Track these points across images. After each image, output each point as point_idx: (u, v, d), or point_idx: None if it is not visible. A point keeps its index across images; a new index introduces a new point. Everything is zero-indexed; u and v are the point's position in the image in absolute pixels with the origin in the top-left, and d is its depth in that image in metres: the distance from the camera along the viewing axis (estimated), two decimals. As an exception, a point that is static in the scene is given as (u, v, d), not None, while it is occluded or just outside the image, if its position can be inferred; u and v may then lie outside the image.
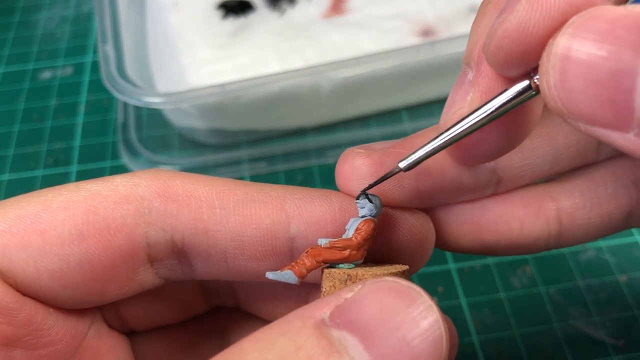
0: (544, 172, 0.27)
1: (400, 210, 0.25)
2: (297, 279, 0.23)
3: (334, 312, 0.19)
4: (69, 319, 0.24)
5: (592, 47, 0.16)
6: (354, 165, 0.25)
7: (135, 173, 0.24)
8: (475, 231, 0.27)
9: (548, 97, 0.18)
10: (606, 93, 0.16)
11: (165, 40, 0.59)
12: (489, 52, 0.20)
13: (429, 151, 0.22)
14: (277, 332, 0.19)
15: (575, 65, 0.17)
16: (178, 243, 0.24)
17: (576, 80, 0.17)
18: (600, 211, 0.27)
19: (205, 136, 0.55)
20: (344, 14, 0.60)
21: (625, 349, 0.41)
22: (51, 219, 0.22)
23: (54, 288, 0.23)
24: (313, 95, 0.53)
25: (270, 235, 0.24)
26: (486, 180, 0.27)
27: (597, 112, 0.17)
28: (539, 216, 0.27)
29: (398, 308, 0.19)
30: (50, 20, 0.70)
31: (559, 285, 0.44)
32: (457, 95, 0.22)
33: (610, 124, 0.17)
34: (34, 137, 0.57)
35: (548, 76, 0.18)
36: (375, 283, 0.20)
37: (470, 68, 0.22)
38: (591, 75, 0.16)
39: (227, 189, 0.24)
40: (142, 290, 0.26)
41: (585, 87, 0.17)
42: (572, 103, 0.17)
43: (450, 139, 0.22)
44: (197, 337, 0.30)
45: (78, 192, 0.23)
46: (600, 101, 0.17)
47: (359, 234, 0.23)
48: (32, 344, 0.23)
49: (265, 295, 0.29)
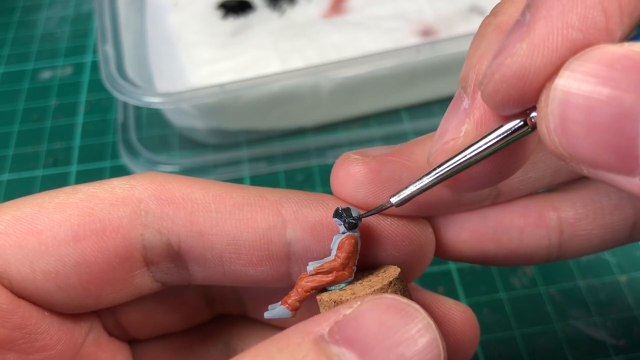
0: (545, 185, 0.27)
1: (398, 217, 0.25)
2: (291, 313, 0.24)
3: (332, 328, 0.19)
4: (65, 323, 0.24)
5: (591, 91, 0.16)
6: (350, 172, 0.24)
7: (132, 176, 0.24)
8: (475, 239, 0.27)
9: (548, 142, 0.17)
10: (609, 138, 0.16)
11: (165, 40, 0.59)
12: (484, 93, 0.19)
13: (421, 187, 0.22)
14: (276, 347, 0.19)
15: (575, 110, 0.16)
16: (174, 246, 0.24)
17: (576, 126, 0.16)
18: (603, 222, 0.26)
19: (205, 136, 0.55)
20: (344, 14, 0.60)
21: (625, 349, 0.41)
22: (47, 220, 0.22)
23: (50, 290, 0.23)
24: (313, 95, 0.53)
25: (266, 239, 0.24)
26: (486, 194, 0.26)
27: (599, 158, 0.16)
28: (540, 226, 0.27)
29: (397, 325, 0.19)
30: (50, 20, 0.70)
31: (559, 286, 0.44)
32: (451, 123, 0.22)
33: (614, 168, 0.16)
34: (33, 137, 0.57)
35: (547, 121, 0.17)
36: (374, 300, 0.20)
37: (467, 94, 0.22)
38: (591, 120, 0.16)
39: (224, 192, 0.24)
40: (140, 295, 0.25)
41: (587, 133, 0.16)
42: (574, 148, 0.17)
43: (443, 175, 0.22)
44: (201, 346, 0.29)
45: (75, 194, 0.23)
46: (602, 146, 0.16)
47: (341, 252, 0.23)
48: (25, 347, 0.22)
49: (274, 301, 0.29)
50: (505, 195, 0.27)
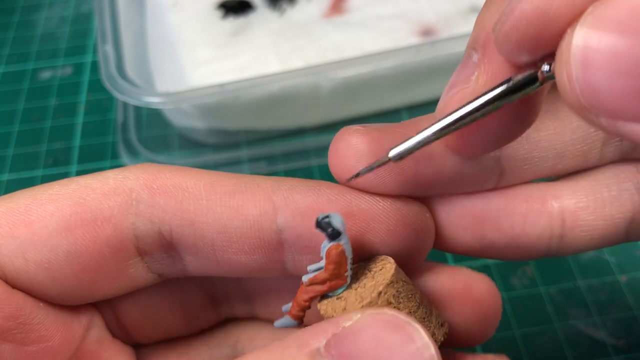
0: (547, 169, 0.27)
1: (392, 200, 0.24)
2: (296, 322, 0.24)
3: (329, 342, 0.19)
4: (61, 316, 0.24)
5: (614, 36, 0.15)
6: (351, 142, 0.23)
7: (126, 167, 0.24)
8: (476, 224, 0.26)
9: (568, 90, 0.17)
10: (633, 84, 0.15)
11: (165, 40, 0.59)
12: (501, 32, 0.18)
13: (424, 138, 0.21)
14: (271, 357, 0.19)
15: (599, 55, 0.16)
16: (166, 235, 0.24)
17: (600, 71, 0.16)
18: (603, 213, 0.26)
19: (205, 136, 0.55)
20: (344, 14, 0.60)
21: (626, 350, 0.41)
22: (40, 211, 0.23)
23: (43, 280, 0.23)
24: (313, 95, 0.53)
25: (257, 226, 0.23)
26: (489, 169, 0.25)
27: (623, 105, 0.16)
28: (543, 213, 0.26)
29: (394, 344, 0.19)
30: (49, 20, 0.70)
31: (559, 286, 0.44)
32: (460, 76, 0.21)
33: (636, 117, 0.16)
34: (33, 137, 0.57)
35: (569, 68, 0.16)
36: (374, 315, 0.20)
37: (476, 51, 0.21)
38: (617, 65, 0.15)
39: (216, 180, 0.24)
40: (136, 287, 0.25)
41: (611, 78, 0.16)
42: (596, 96, 0.16)
43: (448, 126, 0.20)
44: (208, 351, 0.29)
45: (69, 185, 0.24)
46: (626, 93, 0.16)
47: (329, 264, 0.22)
48: (20, 338, 0.23)
49: (285, 295, 0.28)
50: (509, 176, 0.26)
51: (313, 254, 0.24)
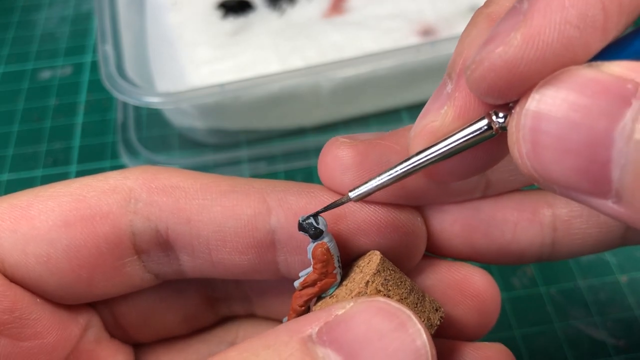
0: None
1: (382, 204, 0.25)
2: None
3: (321, 329, 0.19)
4: (58, 313, 0.25)
5: (562, 117, 0.16)
6: (337, 155, 0.24)
7: (127, 169, 0.25)
8: (467, 232, 0.26)
9: (520, 165, 0.17)
10: (581, 163, 0.16)
11: (164, 40, 0.59)
12: (470, 79, 0.18)
13: (384, 182, 0.22)
14: (263, 344, 0.19)
15: (546, 136, 0.16)
16: (162, 233, 0.24)
17: (549, 151, 0.16)
18: (597, 221, 0.26)
19: (204, 136, 0.55)
20: (344, 14, 0.60)
21: (625, 349, 0.41)
22: (41, 206, 0.23)
23: (41, 274, 0.23)
24: (313, 95, 0.53)
25: (251, 226, 0.24)
26: (475, 182, 0.26)
27: (572, 181, 0.16)
28: (534, 222, 0.26)
29: (386, 330, 0.19)
30: (49, 20, 0.70)
31: (559, 286, 0.44)
32: (433, 105, 0.22)
33: (587, 191, 0.16)
34: (33, 137, 0.57)
35: (519, 146, 0.17)
36: (366, 302, 0.20)
37: (450, 80, 0.21)
38: (563, 146, 0.16)
39: (212, 181, 0.25)
40: (134, 288, 0.25)
41: (559, 158, 0.16)
42: (546, 172, 0.17)
43: (408, 172, 0.21)
44: (207, 348, 0.29)
45: (70, 184, 0.24)
46: (575, 171, 0.16)
47: (316, 263, 0.23)
48: (15, 332, 0.23)
49: (282, 295, 0.28)
50: (495, 186, 0.26)
51: (304, 255, 0.24)
